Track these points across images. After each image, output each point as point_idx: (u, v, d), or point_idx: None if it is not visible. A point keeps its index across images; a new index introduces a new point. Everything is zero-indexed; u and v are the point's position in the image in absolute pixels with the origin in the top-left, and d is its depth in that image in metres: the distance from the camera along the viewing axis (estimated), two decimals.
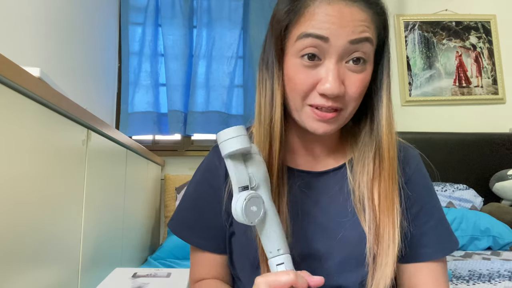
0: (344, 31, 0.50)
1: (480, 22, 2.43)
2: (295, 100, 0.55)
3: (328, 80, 0.51)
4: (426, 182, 0.64)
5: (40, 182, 0.67)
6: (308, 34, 0.51)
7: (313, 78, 0.52)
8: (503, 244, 1.65)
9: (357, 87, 0.53)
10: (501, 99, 2.38)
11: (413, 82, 2.36)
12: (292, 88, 0.55)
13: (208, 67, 2.19)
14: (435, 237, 0.60)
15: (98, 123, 0.94)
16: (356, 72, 0.53)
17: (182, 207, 0.68)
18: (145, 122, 2.13)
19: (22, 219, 0.61)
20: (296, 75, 0.53)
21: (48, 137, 0.71)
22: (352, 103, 0.54)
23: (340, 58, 0.52)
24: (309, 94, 0.53)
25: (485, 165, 2.14)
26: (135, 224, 1.47)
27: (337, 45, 0.50)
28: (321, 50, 0.51)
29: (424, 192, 0.62)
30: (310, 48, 0.51)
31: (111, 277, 0.93)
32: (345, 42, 0.50)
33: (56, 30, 1.41)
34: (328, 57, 0.52)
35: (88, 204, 0.89)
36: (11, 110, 0.58)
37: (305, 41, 0.51)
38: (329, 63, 0.51)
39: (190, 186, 0.69)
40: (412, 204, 0.60)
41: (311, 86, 0.53)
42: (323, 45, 0.51)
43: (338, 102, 0.53)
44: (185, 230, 0.66)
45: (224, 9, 2.21)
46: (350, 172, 0.61)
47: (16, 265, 0.60)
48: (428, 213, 0.61)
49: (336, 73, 0.51)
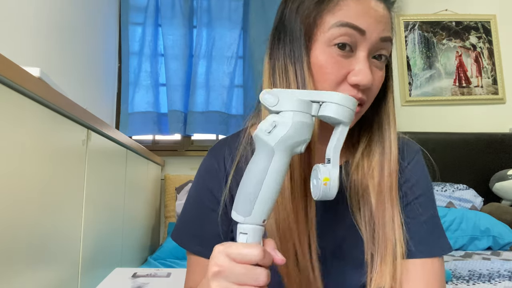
0: (378, 27, 0.51)
1: (480, 22, 2.43)
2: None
3: (362, 71, 0.51)
4: (422, 176, 0.62)
5: (40, 182, 0.67)
6: (345, 23, 0.50)
7: (345, 68, 0.52)
8: (503, 244, 1.65)
9: (379, 83, 0.55)
10: (501, 99, 2.38)
11: (413, 82, 2.36)
12: (321, 78, 0.53)
13: (208, 67, 2.19)
14: (426, 233, 0.58)
15: (98, 123, 0.94)
16: (378, 68, 0.54)
17: (183, 214, 0.65)
18: (145, 122, 2.13)
19: (22, 219, 0.61)
20: (328, 64, 0.52)
21: (48, 137, 0.71)
22: (372, 97, 0.55)
23: (370, 52, 0.52)
24: (339, 86, 0.52)
25: (485, 165, 2.14)
26: (135, 224, 1.47)
27: (371, 39, 0.51)
28: (354, 42, 0.51)
29: (418, 185, 0.60)
30: (345, 37, 0.51)
31: (111, 277, 0.93)
32: (378, 37, 0.52)
33: (56, 30, 1.41)
34: (360, 49, 0.52)
35: (88, 204, 0.89)
36: (11, 110, 0.58)
37: (340, 30, 0.51)
38: (362, 55, 0.52)
39: (191, 191, 0.66)
40: (403, 195, 0.59)
41: (343, 76, 0.52)
42: (358, 37, 0.51)
43: (365, 94, 0.53)
44: (186, 238, 0.63)
45: (224, 9, 2.21)
46: (345, 173, 0.60)
47: (16, 265, 0.60)
48: (419, 207, 0.59)
49: (368, 65, 0.52)
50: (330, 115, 0.44)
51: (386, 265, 0.53)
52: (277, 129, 0.42)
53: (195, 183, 0.66)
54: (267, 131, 0.42)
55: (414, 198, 0.59)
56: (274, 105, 0.43)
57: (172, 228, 0.67)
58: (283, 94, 0.43)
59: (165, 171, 2.17)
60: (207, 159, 0.65)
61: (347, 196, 0.59)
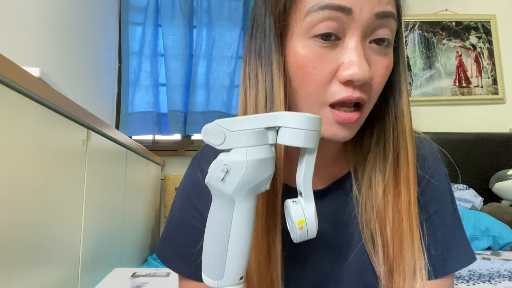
0: (369, 0, 0.39)
1: (480, 22, 2.43)
2: (308, 98, 0.42)
3: (355, 62, 0.39)
4: (441, 185, 0.52)
5: (40, 182, 0.67)
6: (324, 5, 0.39)
7: (333, 63, 0.40)
8: (503, 244, 1.65)
9: (383, 75, 0.42)
10: (501, 99, 2.38)
11: (413, 82, 2.36)
12: (303, 81, 0.42)
13: (208, 67, 2.19)
14: (439, 253, 0.49)
15: (98, 123, 0.94)
16: (381, 55, 0.42)
17: (168, 232, 0.57)
18: (145, 122, 2.13)
19: (22, 219, 0.61)
20: (310, 62, 0.41)
21: (48, 137, 0.71)
22: (375, 95, 0.43)
23: (364, 35, 0.40)
24: (328, 86, 0.41)
25: (485, 165, 2.14)
26: (135, 224, 1.47)
27: (361, 18, 0.39)
28: (341, 26, 0.40)
29: (437, 198, 0.51)
30: (327, 23, 0.39)
31: (110, 277, 0.93)
32: (371, 14, 0.39)
33: (56, 30, 1.41)
34: (350, 34, 0.40)
35: (88, 204, 0.89)
36: (11, 110, 0.58)
37: (319, 15, 0.39)
38: (352, 41, 0.40)
39: (174, 206, 0.57)
40: (420, 210, 0.48)
41: (330, 74, 0.40)
42: (344, 19, 0.39)
43: (364, 93, 0.41)
44: (172, 258, 0.55)
45: (224, 9, 2.21)
46: (355, 185, 0.50)
47: (16, 265, 0.60)
48: (437, 223, 0.50)
49: (363, 53, 0.40)
50: (288, 143, 0.36)
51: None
52: (230, 174, 0.34)
53: (179, 197, 0.56)
54: (220, 179, 0.35)
55: (434, 212, 0.50)
56: (220, 143, 0.35)
57: None
58: (229, 126, 0.35)
59: (165, 171, 2.17)
60: (190, 170, 0.56)
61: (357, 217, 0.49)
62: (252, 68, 0.45)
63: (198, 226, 0.51)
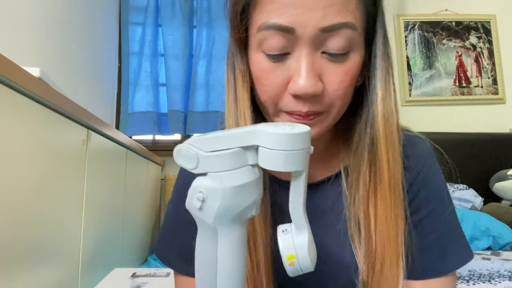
0: (312, 16, 0.39)
1: (480, 22, 2.43)
2: (267, 105, 0.44)
3: (301, 76, 0.39)
4: (435, 184, 0.52)
5: (40, 182, 0.67)
6: (269, 25, 0.40)
7: (282, 75, 0.41)
8: (503, 244, 1.65)
9: (339, 82, 0.41)
10: (501, 99, 2.38)
11: (413, 82, 2.36)
12: (260, 90, 0.44)
13: (208, 67, 2.19)
14: (437, 252, 0.49)
15: (98, 123, 0.94)
16: (336, 63, 0.41)
17: (165, 232, 0.58)
18: (145, 122, 2.13)
19: (22, 219, 0.61)
20: (263, 74, 0.42)
21: (48, 137, 0.71)
22: (337, 102, 0.43)
23: (313, 47, 0.40)
24: (280, 98, 0.42)
25: (485, 165, 2.14)
26: (135, 224, 1.47)
27: (305, 35, 0.39)
28: (289, 42, 0.40)
29: (432, 196, 0.50)
30: (273, 42, 0.40)
31: (110, 277, 0.93)
32: (316, 30, 0.39)
33: (56, 30, 1.41)
34: (297, 49, 0.40)
35: (88, 204, 0.89)
36: (11, 110, 0.58)
37: (266, 33, 0.40)
38: (299, 54, 0.40)
39: (169, 205, 0.58)
40: (415, 210, 0.49)
41: (281, 86, 0.42)
42: (290, 37, 0.40)
43: (317, 104, 0.42)
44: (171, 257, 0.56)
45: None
46: (346, 183, 0.50)
47: (16, 265, 0.60)
48: (434, 222, 0.49)
49: (309, 66, 0.40)
50: (268, 167, 0.30)
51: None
52: (207, 203, 0.31)
53: (174, 194, 0.57)
54: (197, 207, 0.31)
55: (428, 213, 0.50)
56: (193, 168, 0.31)
57: None
58: (204, 146, 0.31)
59: (165, 171, 2.17)
60: (182, 170, 0.56)
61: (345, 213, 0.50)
62: (227, 76, 0.48)
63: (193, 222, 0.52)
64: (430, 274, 0.48)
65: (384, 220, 0.45)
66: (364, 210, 0.47)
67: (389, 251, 0.45)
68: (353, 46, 0.42)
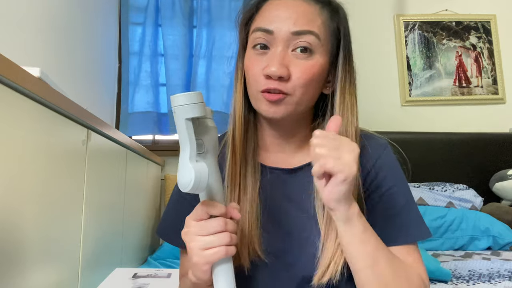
0: (286, 23, 0.57)
1: (480, 22, 2.43)
2: (251, 88, 0.60)
3: (272, 63, 0.56)
4: (393, 168, 0.64)
5: (40, 182, 0.67)
6: (258, 28, 0.59)
7: (262, 64, 0.58)
8: (503, 244, 1.65)
9: (302, 72, 0.57)
10: (501, 99, 2.38)
11: (413, 82, 2.36)
12: (247, 76, 0.61)
13: (208, 67, 2.19)
14: (399, 223, 0.60)
15: (98, 123, 0.94)
16: (301, 59, 0.58)
17: (167, 210, 0.70)
18: (145, 122, 2.13)
19: (22, 219, 0.61)
20: (250, 64, 0.60)
21: (48, 137, 0.71)
22: (300, 89, 0.58)
23: (285, 46, 0.58)
24: (259, 79, 0.58)
25: (485, 165, 2.14)
26: (135, 224, 1.47)
27: (280, 35, 0.57)
28: (269, 41, 0.59)
29: (388, 178, 0.62)
30: (260, 39, 0.59)
31: (111, 277, 0.93)
32: (288, 33, 0.57)
33: (56, 30, 1.41)
34: (274, 46, 0.58)
35: (88, 204, 0.89)
36: (11, 110, 0.58)
37: (256, 34, 0.59)
38: (274, 49, 0.58)
39: (175, 187, 0.70)
40: (377, 187, 0.61)
41: (260, 71, 0.58)
42: (270, 37, 0.58)
43: (282, 84, 0.57)
44: (170, 232, 0.68)
45: (224, 9, 2.21)
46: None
47: (17, 265, 0.59)
48: (392, 198, 0.61)
49: (279, 57, 0.57)
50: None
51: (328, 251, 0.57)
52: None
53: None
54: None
55: (386, 189, 0.61)
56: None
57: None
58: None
59: (165, 171, 2.17)
60: None
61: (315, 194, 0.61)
62: (236, 72, 0.66)
63: (191, 200, 0.63)
64: (394, 242, 0.58)
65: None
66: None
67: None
68: (315, 50, 0.58)
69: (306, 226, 0.61)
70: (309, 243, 0.60)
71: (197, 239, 0.49)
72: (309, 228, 0.61)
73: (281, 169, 0.65)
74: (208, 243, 0.48)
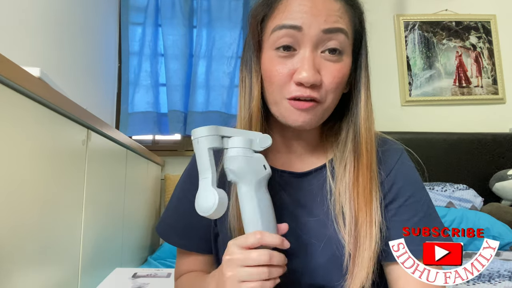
0: (316, 19, 0.51)
1: (480, 22, 2.43)
2: (274, 94, 0.55)
3: (304, 68, 0.51)
4: (410, 176, 0.60)
5: (40, 182, 0.67)
6: (282, 25, 0.52)
7: (289, 68, 0.53)
8: (503, 244, 1.65)
9: (333, 77, 0.53)
10: (501, 99, 2.38)
11: (413, 82, 2.36)
12: (269, 81, 0.55)
13: (208, 67, 2.19)
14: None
15: (98, 123, 0.94)
16: (332, 61, 0.53)
17: (167, 209, 0.69)
18: (145, 122, 2.13)
19: (22, 219, 0.61)
20: (273, 67, 0.54)
21: (48, 137, 0.71)
22: (330, 95, 0.54)
23: (314, 47, 0.52)
24: (286, 85, 0.53)
25: (485, 165, 2.14)
26: (135, 224, 1.47)
27: (310, 33, 0.51)
28: (296, 40, 0.52)
29: (407, 186, 0.58)
30: (285, 39, 0.52)
31: (111, 277, 0.93)
32: (318, 31, 0.51)
33: (56, 30, 1.41)
34: (303, 46, 0.52)
35: (88, 204, 0.89)
36: (11, 110, 0.58)
37: (279, 33, 0.52)
38: (304, 52, 0.52)
39: (176, 187, 0.69)
40: (393, 199, 0.57)
41: (287, 76, 0.53)
42: (297, 35, 0.52)
43: (315, 91, 0.52)
44: (168, 231, 0.67)
45: (224, 9, 2.21)
46: (330, 173, 0.59)
47: (17, 265, 0.60)
48: (411, 209, 0.57)
49: (311, 61, 0.51)
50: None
51: (363, 268, 0.52)
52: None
53: (183, 176, 0.69)
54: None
55: (404, 200, 0.57)
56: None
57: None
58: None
59: (165, 171, 2.17)
60: (193, 161, 0.66)
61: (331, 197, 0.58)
62: (242, 74, 0.59)
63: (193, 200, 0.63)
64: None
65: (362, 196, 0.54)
66: (350, 193, 0.55)
67: (365, 223, 0.53)
68: (344, 49, 0.54)
69: (316, 231, 0.57)
70: (320, 249, 0.56)
71: (237, 270, 0.46)
72: (321, 234, 0.57)
73: (290, 172, 0.61)
74: (247, 276, 0.45)
